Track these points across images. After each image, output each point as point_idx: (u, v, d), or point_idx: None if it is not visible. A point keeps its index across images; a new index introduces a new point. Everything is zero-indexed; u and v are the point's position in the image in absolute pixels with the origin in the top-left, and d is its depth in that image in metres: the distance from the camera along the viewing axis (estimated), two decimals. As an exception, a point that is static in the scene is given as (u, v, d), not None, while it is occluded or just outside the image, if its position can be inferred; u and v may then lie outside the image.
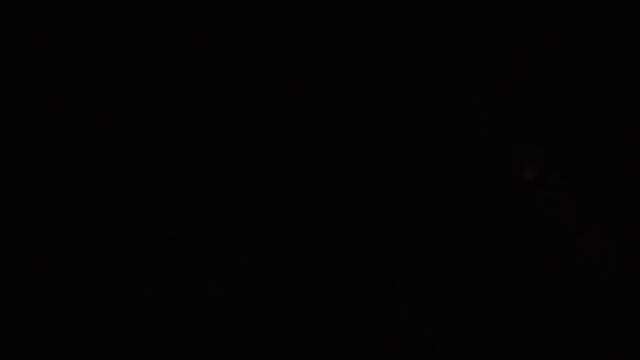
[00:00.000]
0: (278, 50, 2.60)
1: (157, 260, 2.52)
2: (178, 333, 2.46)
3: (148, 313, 2.48)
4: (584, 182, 2.53)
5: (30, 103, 2.56)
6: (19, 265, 2.49)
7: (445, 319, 2.47)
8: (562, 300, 2.48)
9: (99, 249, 2.52)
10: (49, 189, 2.53)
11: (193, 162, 2.56)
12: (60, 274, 2.50)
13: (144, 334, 2.46)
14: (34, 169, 2.54)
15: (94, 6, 2.57)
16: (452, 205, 2.54)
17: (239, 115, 2.59)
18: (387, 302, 2.48)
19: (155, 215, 2.54)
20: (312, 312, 2.48)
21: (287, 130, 2.58)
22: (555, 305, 2.48)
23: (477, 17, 2.58)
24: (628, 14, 2.54)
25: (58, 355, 2.43)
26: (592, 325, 2.45)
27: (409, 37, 2.58)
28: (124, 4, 2.57)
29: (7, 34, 2.56)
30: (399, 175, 2.55)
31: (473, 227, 2.53)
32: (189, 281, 2.51)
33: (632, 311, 2.45)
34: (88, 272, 2.51)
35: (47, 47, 2.57)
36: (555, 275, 2.50)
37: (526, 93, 2.57)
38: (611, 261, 2.50)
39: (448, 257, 2.52)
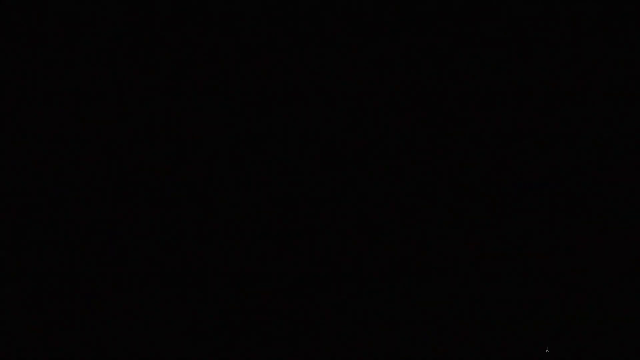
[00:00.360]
0: (278, 50, 2.59)
1: (156, 260, 2.52)
2: (178, 333, 2.46)
3: (147, 313, 2.47)
4: (583, 181, 2.53)
5: (30, 103, 2.56)
6: (19, 265, 2.49)
7: (444, 319, 2.47)
8: (561, 300, 2.47)
9: (99, 248, 2.51)
10: (48, 189, 2.53)
11: (193, 162, 2.56)
12: (59, 274, 2.49)
13: (143, 334, 2.46)
14: (33, 168, 2.54)
15: (93, 6, 2.57)
16: (452, 206, 2.54)
17: (239, 115, 2.58)
18: (387, 302, 2.48)
19: (154, 215, 2.53)
20: (312, 312, 2.48)
21: (287, 130, 2.57)
22: (555, 306, 2.47)
23: (477, 17, 2.57)
24: (628, 14, 2.53)
25: (58, 355, 2.43)
26: (592, 326, 2.45)
27: (409, 37, 2.58)
28: (124, 4, 2.57)
29: (7, 34, 2.55)
30: (399, 175, 2.55)
31: (473, 227, 2.52)
32: (188, 281, 2.50)
33: (632, 311, 2.45)
34: (87, 272, 2.50)
35: (47, 47, 2.57)
36: (555, 275, 2.50)
37: (526, 93, 2.56)
38: (611, 261, 2.49)
39: (448, 257, 2.51)
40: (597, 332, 2.44)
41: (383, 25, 2.58)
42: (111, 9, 2.57)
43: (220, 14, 2.58)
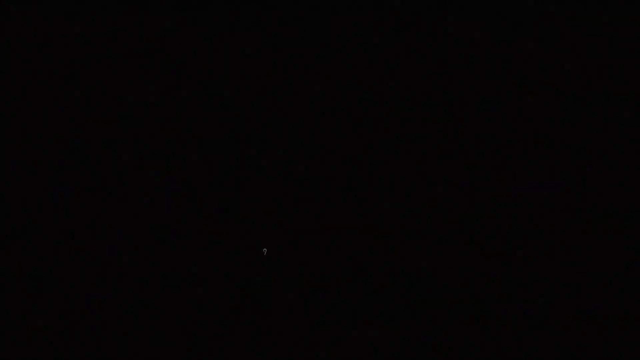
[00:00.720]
0: (277, 50, 2.60)
1: (156, 260, 2.52)
2: (177, 333, 2.47)
3: (147, 313, 2.48)
4: (582, 181, 2.53)
5: (30, 102, 2.57)
6: (18, 265, 2.50)
7: (444, 319, 2.47)
8: (561, 300, 2.48)
9: (98, 249, 2.52)
10: (48, 189, 2.54)
11: (192, 162, 2.56)
12: (58, 274, 2.50)
13: (143, 334, 2.46)
14: (33, 168, 2.54)
15: (93, 6, 2.57)
16: (452, 206, 2.54)
17: (239, 115, 2.59)
18: (386, 302, 2.48)
19: (154, 216, 2.54)
20: (310, 312, 2.48)
21: (286, 131, 2.58)
22: (553, 306, 2.47)
23: (477, 17, 2.57)
24: (628, 15, 2.53)
25: (58, 355, 2.44)
26: (590, 326, 2.45)
27: (409, 37, 2.58)
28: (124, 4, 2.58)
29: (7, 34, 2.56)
30: (399, 175, 2.55)
31: (472, 227, 2.53)
32: (188, 281, 2.51)
33: (632, 311, 2.45)
34: (86, 272, 2.51)
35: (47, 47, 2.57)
36: (554, 275, 2.50)
37: (526, 93, 2.57)
38: (611, 261, 2.49)
39: (447, 257, 2.52)
40: (597, 332, 2.44)
41: (383, 25, 2.58)
42: (111, 8, 2.57)
43: (220, 13, 2.58)
